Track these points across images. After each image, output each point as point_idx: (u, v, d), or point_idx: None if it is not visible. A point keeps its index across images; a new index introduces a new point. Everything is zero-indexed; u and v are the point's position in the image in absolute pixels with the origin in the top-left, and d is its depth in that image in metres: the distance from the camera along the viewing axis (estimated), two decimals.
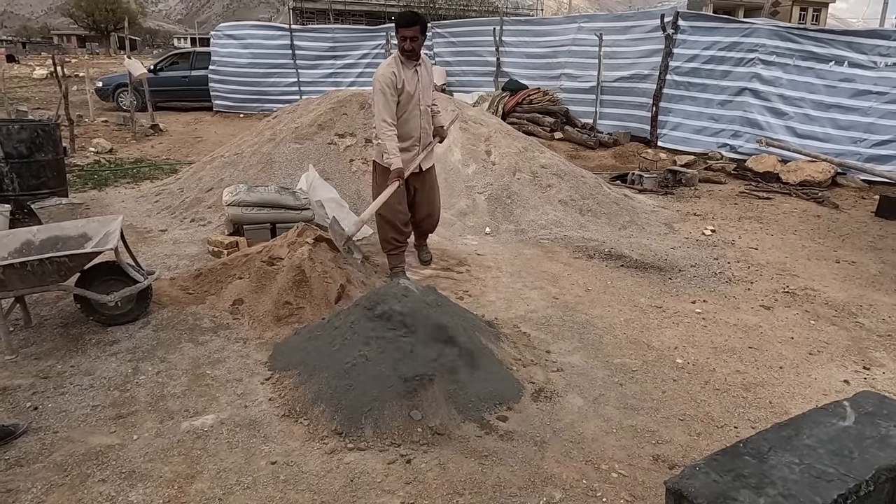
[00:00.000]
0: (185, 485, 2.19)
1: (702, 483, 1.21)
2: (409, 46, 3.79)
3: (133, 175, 7.77)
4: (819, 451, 1.31)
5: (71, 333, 3.32)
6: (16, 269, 2.91)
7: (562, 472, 2.31)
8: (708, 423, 2.67)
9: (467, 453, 2.40)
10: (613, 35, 10.23)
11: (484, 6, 27.89)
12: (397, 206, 4.09)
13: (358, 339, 2.84)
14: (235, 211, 4.51)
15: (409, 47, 3.79)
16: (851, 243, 5.63)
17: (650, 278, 4.50)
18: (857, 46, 8.05)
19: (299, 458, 2.35)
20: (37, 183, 5.28)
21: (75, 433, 2.48)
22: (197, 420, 2.57)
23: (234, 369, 3.00)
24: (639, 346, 3.40)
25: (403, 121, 3.95)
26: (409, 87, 3.88)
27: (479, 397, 2.72)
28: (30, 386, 2.82)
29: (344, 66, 13.83)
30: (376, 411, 2.55)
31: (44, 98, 16.22)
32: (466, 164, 6.20)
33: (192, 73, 14.48)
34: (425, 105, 4.05)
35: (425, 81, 4.00)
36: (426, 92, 4.02)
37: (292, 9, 32.51)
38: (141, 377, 2.90)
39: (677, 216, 6.37)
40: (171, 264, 4.43)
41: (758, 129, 8.74)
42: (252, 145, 6.30)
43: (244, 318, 3.50)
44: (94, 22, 53.37)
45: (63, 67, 9.70)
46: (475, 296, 4.05)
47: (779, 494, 1.18)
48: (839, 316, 3.96)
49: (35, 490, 2.15)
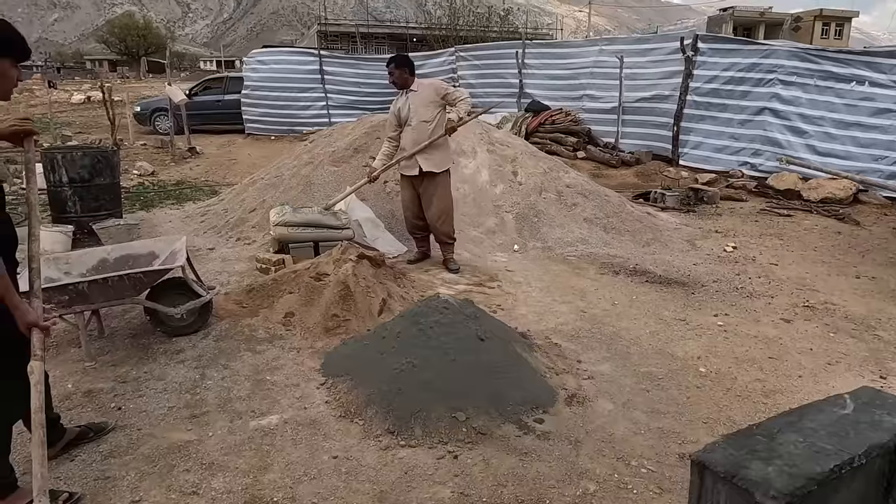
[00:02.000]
0: (258, 475, 2.47)
1: (720, 456, 1.46)
2: (391, 80, 4.99)
3: (176, 196, 8.20)
4: (820, 433, 1.54)
5: (140, 343, 3.65)
6: (98, 284, 3.25)
7: (595, 467, 2.55)
8: (730, 425, 2.88)
9: (508, 450, 2.64)
10: (634, 57, 10.51)
11: (504, 27, 28.43)
12: (406, 203, 5.22)
13: (405, 348, 3.11)
14: (282, 230, 4.84)
15: (391, 80, 4.99)
16: (872, 259, 5.77)
17: (674, 293, 4.71)
18: (877, 66, 8.20)
19: (357, 453, 2.62)
20: (96, 205, 5.70)
21: (157, 430, 2.78)
22: (263, 420, 2.86)
23: (291, 375, 3.28)
24: (664, 356, 3.61)
25: (403, 135, 5.01)
26: (403, 112, 4.96)
27: (516, 401, 2.96)
28: (111, 389, 3.13)
29: (369, 94, 14.32)
30: (424, 413, 2.81)
31: (84, 122, 16.98)
32: (494, 184, 6.49)
33: (225, 97, 15.08)
34: (417, 121, 4.90)
35: (415, 103, 4.89)
36: (417, 111, 4.89)
37: (316, 33, 33.40)
38: (208, 382, 3.20)
39: (699, 233, 6.57)
40: (223, 280, 4.75)
41: (778, 147, 8.90)
42: (291, 168, 6.67)
43: (296, 329, 3.80)
44: (127, 47, 55.30)
45: (111, 94, 10.23)
46: (507, 309, 4.30)
47: (784, 464, 1.41)
48: (858, 329, 4.12)
49: (130, 478, 2.45)
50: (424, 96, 4.90)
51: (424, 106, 4.89)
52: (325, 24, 33.41)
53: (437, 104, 4.92)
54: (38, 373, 1.90)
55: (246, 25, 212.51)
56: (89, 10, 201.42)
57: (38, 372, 1.90)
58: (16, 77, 2.11)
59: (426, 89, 4.94)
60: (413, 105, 4.89)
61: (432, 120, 4.90)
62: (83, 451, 2.62)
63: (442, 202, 5.02)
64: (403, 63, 4.91)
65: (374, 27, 32.70)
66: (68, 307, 3.24)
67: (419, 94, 4.91)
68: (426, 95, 4.90)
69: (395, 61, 4.91)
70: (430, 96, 4.89)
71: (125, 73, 48.47)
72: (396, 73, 4.89)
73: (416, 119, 4.89)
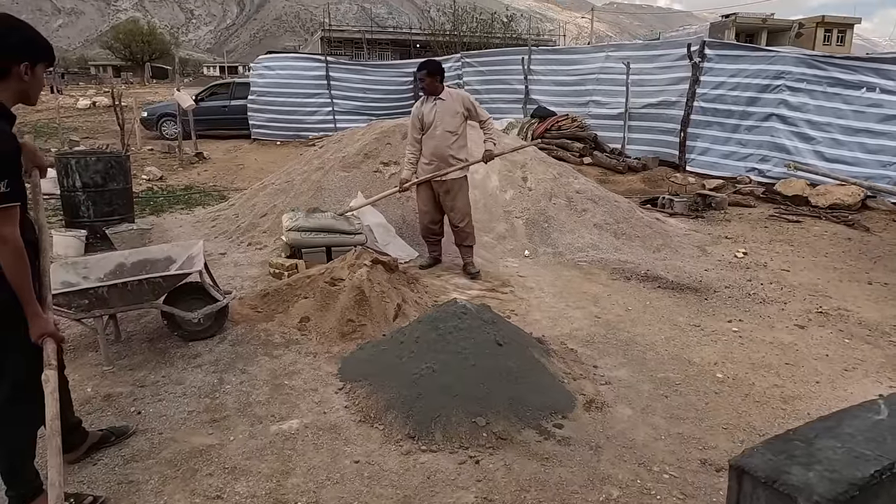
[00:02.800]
0: (282, 479, 2.48)
1: (760, 461, 1.46)
2: (421, 86, 5.01)
3: (185, 201, 8.23)
4: (858, 438, 1.54)
5: (157, 347, 3.66)
6: (118, 288, 3.26)
7: (617, 473, 2.55)
8: (750, 431, 2.88)
9: (529, 456, 2.64)
10: (641, 63, 10.54)
11: (507, 33, 28.50)
12: (422, 207, 5.19)
13: (423, 353, 3.12)
14: (295, 236, 4.86)
15: (421, 87, 5.00)
16: (883, 265, 5.77)
17: (687, 299, 4.71)
18: (885, 73, 8.23)
19: (379, 458, 2.62)
20: (109, 210, 5.72)
21: (178, 434, 2.79)
22: (283, 424, 2.86)
23: (309, 380, 3.29)
24: (680, 361, 3.62)
25: (425, 142, 4.97)
26: (428, 119, 4.92)
27: (535, 407, 2.96)
28: (130, 393, 3.14)
29: (375, 100, 14.37)
30: (444, 418, 2.81)
31: (91, 128, 17.07)
32: (504, 189, 6.51)
33: (232, 102, 15.14)
34: (442, 130, 4.88)
35: (442, 112, 4.87)
36: (443, 119, 4.87)
37: (321, 38, 33.53)
38: (227, 386, 3.21)
39: (709, 239, 6.57)
40: (236, 285, 4.76)
41: (786, 153, 8.92)
42: (302, 173, 6.70)
43: (312, 334, 3.81)
44: (131, 53, 55.56)
45: (120, 100, 10.28)
46: (521, 315, 4.31)
47: (825, 470, 1.41)
48: (873, 335, 4.12)
49: (153, 482, 2.45)
50: (452, 106, 4.88)
51: (451, 116, 4.88)
52: (329, 30, 33.52)
53: (462, 116, 4.92)
54: (53, 381, 1.90)
55: (249, 31, 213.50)
56: (93, 16, 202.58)
57: (52, 381, 1.90)
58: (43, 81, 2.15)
59: (454, 100, 4.92)
60: (439, 113, 4.87)
61: (456, 131, 4.91)
62: (105, 455, 2.62)
63: (464, 205, 5.06)
64: (436, 71, 4.90)
65: (377, 33, 32.80)
66: (88, 311, 3.25)
67: (447, 104, 4.88)
68: (453, 106, 4.88)
69: (428, 68, 4.88)
70: (456, 107, 4.89)
71: (129, 78, 48.62)
72: (428, 81, 4.87)
73: (441, 128, 4.88)
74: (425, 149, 4.97)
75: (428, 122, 4.91)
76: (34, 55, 2.01)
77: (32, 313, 2.00)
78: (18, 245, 1.93)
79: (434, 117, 4.89)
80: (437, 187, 5.04)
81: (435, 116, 4.88)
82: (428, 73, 4.85)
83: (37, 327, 2.01)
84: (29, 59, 1.99)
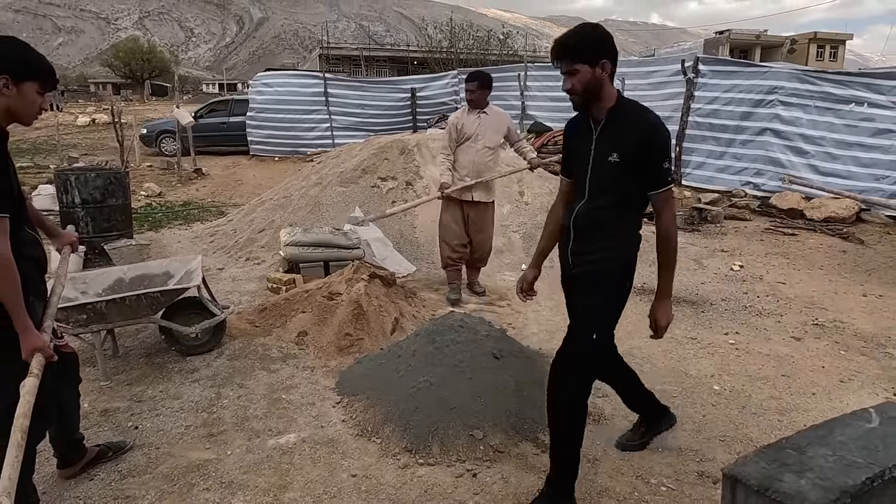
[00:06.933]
0: (279, 493, 2.47)
1: (753, 469, 1.47)
2: (468, 97, 4.80)
3: (184, 217, 8.26)
4: (849, 446, 1.56)
5: (155, 362, 3.66)
6: (116, 303, 3.27)
7: (615, 485, 2.55)
8: (747, 443, 2.88)
9: (527, 468, 2.64)
10: (636, 80, 10.66)
11: (504, 50, 28.79)
12: (453, 226, 4.88)
13: (421, 367, 3.12)
14: (293, 250, 4.88)
15: (469, 98, 4.79)
16: (878, 277, 5.80)
17: (683, 311, 4.73)
18: (876, 87, 8.32)
19: (376, 471, 2.62)
20: (108, 226, 5.75)
21: (175, 449, 2.78)
22: (281, 438, 2.86)
23: (306, 394, 3.29)
24: (677, 374, 3.63)
25: (461, 153, 4.82)
26: (469, 130, 4.77)
27: (532, 419, 2.97)
28: (127, 408, 3.14)
29: (373, 116, 14.48)
30: (441, 431, 2.81)
31: (90, 144, 17.15)
32: (501, 204, 6.52)
33: (231, 119, 15.24)
34: (482, 145, 4.77)
35: (485, 126, 4.76)
36: (486, 134, 4.77)
37: (319, 56, 33.82)
38: (224, 401, 3.21)
39: (705, 252, 6.60)
40: (234, 300, 4.77)
41: (780, 167, 8.99)
42: (300, 189, 6.74)
43: (309, 348, 3.82)
44: (131, 70, 55.98)
45: (120, 117, 10.35)
46: (518, 328, 4.32)
47: (817, 477, 1.42)
48: (868, 347, 4.14)
49: (150, 497, 2.45)
50: (495, 124, 4.82)
51: (494, 132, 4.82)
52: (328, 47, 33.87)
53: (502, 134, 4.89)
54: (30, 388, 1.90)
55: (248, 49, 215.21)
56: (94, 34, 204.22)
57: (29, 387, 1.90)
58: (40, 104, 2.09)
59: (498, 117, 4.87)
60: (482, 127, 4.76)
61: (494, 147, 4.85)
62: (102, 471, 2.62)
63: (491, 229, 5.02)
64: (488, 84, 4.77)
65: (375, 50, 33.12)
66: (86, 326, 3.26)
67: (490, 119, 4.79)
68: (497, 123, 4.83)
69: (479, 80, 4.73)
70: (499, 125, 4.84)
71: (129, 95, 48.94)
72: (478, 93, 4.72)
73: (482, 142, 4.77)
74: (461, 161, 4.81)
75: (468, 134, 4.77)
76: (13, 71, 1.97)
77: (22, 327, 1.98)
78: (6, 257, 1.92)
79: (476, 130, 4.77)
80: (468, 208, 4.87)
81: (478, 129, 4.77)
82: (479, 86, 4.70)
83: (27, 343, 1.99)
84: (7, 74, 1.97)
